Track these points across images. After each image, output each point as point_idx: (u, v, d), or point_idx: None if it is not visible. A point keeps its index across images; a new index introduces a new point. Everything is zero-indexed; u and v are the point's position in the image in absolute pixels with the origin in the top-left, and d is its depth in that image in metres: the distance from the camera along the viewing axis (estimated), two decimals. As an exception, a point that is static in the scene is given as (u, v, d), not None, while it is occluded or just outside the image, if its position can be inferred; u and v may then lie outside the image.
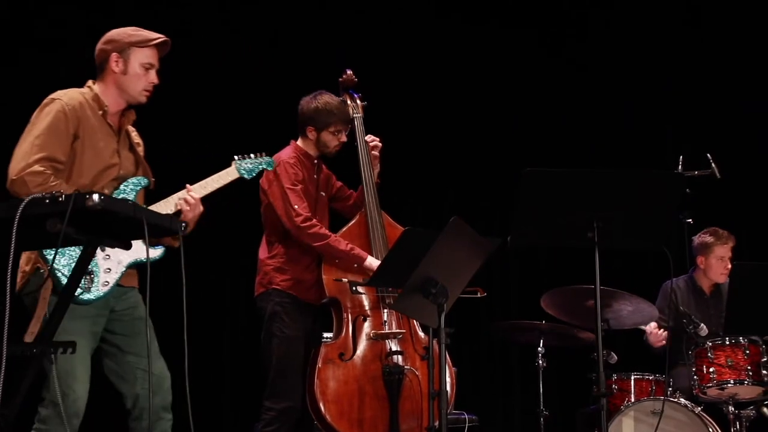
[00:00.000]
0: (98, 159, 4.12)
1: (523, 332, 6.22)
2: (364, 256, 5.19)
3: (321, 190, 5.42)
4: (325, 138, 5.35)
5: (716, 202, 6.85)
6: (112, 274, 4.04)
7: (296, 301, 5.22)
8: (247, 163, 4.52)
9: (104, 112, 4.18)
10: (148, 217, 3.42)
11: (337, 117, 5.33)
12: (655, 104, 8.02)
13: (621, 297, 5.61)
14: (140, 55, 4.23)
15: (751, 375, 5.65)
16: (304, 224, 5.13)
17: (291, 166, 5.24)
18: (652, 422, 5.38)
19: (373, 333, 5.24)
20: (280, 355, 5.16)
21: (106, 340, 4.16)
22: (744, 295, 5.39)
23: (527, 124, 8.09)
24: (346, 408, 5.10)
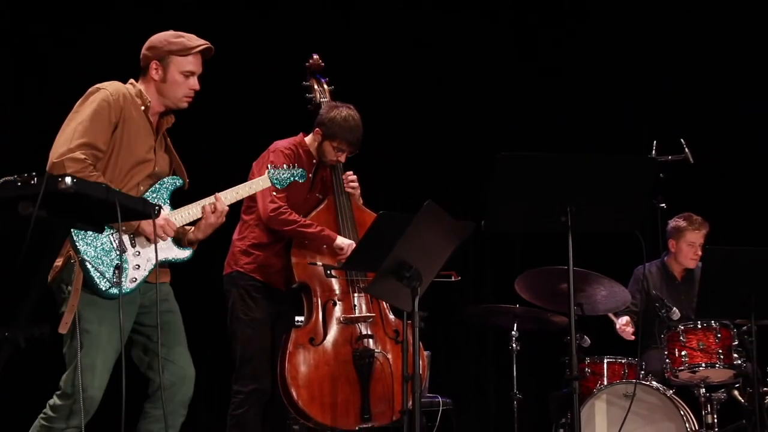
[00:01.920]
0: (135, 152, 4.12)
1: (496, 316, 6.24)
2: (333, 236, 5.20)
3: (316, 191, 5.40)
4: (325, 147, 5.33)
5: (689, 186, 6.88)
6: (141, 271, 4.06)
7: (261, 285, 5.22)
8: (281, 173, 4.53)
9: (146, 107, 4.17)
10: (121, 200, 3.40)
11: (344, 136, 5.29)
12: (629, 89, 8.04)
13: (595, 281, 5.63)
14: (180, 63, 4.22)
15: (722, 358, 5.69)
16: (273, 213, 5.13)
17: (285, 156, 5.22)
18: (624, 405, 5.42)
19: (344, 317, 5.24)
20: (245, 339, 5.16)
21: (138, 331, 4.17)
22: (716, 279, 5.41)
23: (501, 108, 8.09)
24: (317, 392, 5.11)
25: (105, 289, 3.93)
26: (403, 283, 4.33)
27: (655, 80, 8.03)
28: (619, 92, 8.03)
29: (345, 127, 5.28)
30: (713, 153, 7.18)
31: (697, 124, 7.46)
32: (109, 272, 3.94)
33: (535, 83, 8.11)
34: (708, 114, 7.86)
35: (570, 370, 4.47)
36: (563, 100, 8.08)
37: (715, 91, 7.94)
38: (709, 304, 5.49)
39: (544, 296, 5.77)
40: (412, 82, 7.91)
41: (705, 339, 5.73)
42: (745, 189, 7.76)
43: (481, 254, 8.13)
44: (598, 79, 8.09)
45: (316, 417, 5.10)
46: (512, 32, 8.24)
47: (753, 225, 7.46)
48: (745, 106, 7.91)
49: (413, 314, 4.43)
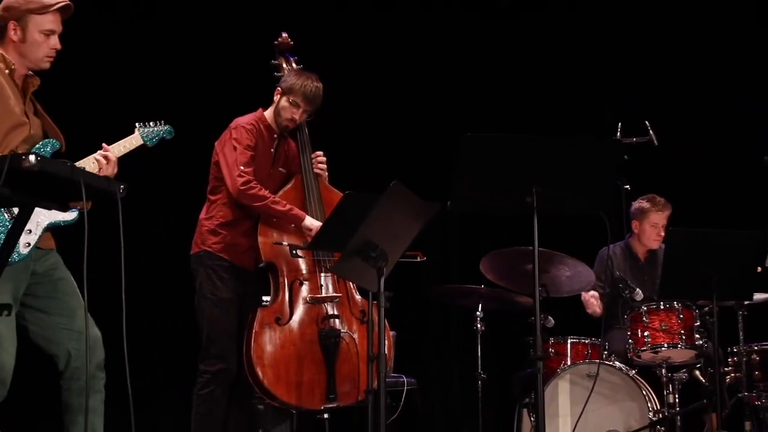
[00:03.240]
0: (9, 115, 4.01)
1: (461, 296, 6.26)
2: (302, 215, 5.20)
3: (279, 166, 5.39)
4: (282, 103, 5.31)
5: (653, 169, 6.92)
6: (32, 235, 3.98)
7: (228, 265, 5.21)
8: (150, 130, 4.49)
9: (11, 70, 4.08)
10: (86, 179, 3.37)
11: (303, 91, 5.28)
12: (595, 71, 8.07)
13: (559, 261, 5.66)
14: (39, 22, 4.10)
15: (684, 339, 5.75)
16: (243, 186, 5.11)
17: (247, 131, 5.22)
18: (588, 385, 5.46)
19: (310, 297, 5.24)
20: (212, 318, 5.16)
21: (28, 305, 4.10)
22: (679, 261, 5.47)
23: (468, 88, 8.10)
24: (283, 372, 5.11)
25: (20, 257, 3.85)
26: (368, 263, 4.34)
27: (619, 62, 8.06)
28: (585, 74, 8.06)
29: (304, 82, 5.28)
30: (677, 135, 7.22)
31: (662, 107, 7.50)
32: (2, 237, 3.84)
33: (502, 64, 8.12)
34: (672, 97, 7.91)
35: (534, 350, 4.49)
36: (530, 81, 8.10)
37: (678, 73, 7.99)
38: (671, 285, 5.54)
39: (509, 277, 5.79)
40: (380, 63, 7.89)
41: (667, 320, 5.79)
42: (708, 171, 7.83)
43: (447, 235, 8.15)
44: (563, 61, 8.12)
45: (281, 396, 5.11)
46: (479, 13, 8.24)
47: (715, 207, 7.53)
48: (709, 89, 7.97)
49: (379, 294, 4.44)
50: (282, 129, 5.37)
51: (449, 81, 8.10)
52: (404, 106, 7.99)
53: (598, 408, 5.54)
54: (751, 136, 7.83)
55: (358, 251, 4.31)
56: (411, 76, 8.01)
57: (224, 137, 5.27)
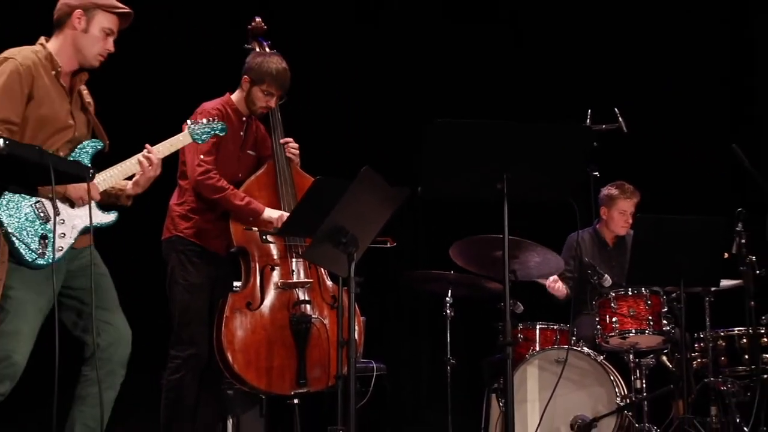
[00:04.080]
0: (53, 120, 4.07)
1: (431, 282, 6.28)
2: (260, 209, 5.16)
3: (248, 149, 5.37)
4: (255, 94, 5.29)
5: (623, 155, 6.96)
6: (67, 239, 4.05)
7: (200, 250, 5.20)
8: (200, 127, 4.53)
9: (57, 72, 4.11)
10: (55, 163, 3.37)
11: (274, 79, 5.27)
12: (565, 58, 8.10)
13: (528, 248, 5.68)
14: (104, 19, 4.19)
15: (652, 325, 5.79)
16: (201, 176, 5.09)
17: (213, 116, 5.18)
18: (556, 370, 5.50)
19: (281, 282, 5.24)
20: (183, 303, 5.14)
21: (68, 295, 4.15)
22: (647, 247, 5.51)
23: (439, 74, 8.10)
24: (253, 357, 5.11)
25: (31, 260, 3.89)
26: (339, 248, 4.35)
27: (590, 49, 8.09)
28: (555, 60, 8.08)
29: (273, 69, 5.26)
30: (646, 122, 7.26)
31: (631, 94, 7.53)
32: (35, 243, 3.90)
33: (472, 50, 8.13)
34: (641, 84, 7.95)
35: (503, 335, 4.51)
36: (500, 68, 8.11)
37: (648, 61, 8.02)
38: (639, 272, 5.58)
39: (479, 263, 5.81)
40: (351, 48, 7.88)
41: (635, 305, 5.82)
42: (676, 158, 7.87)
43: (417, 220, 8.17)
44: (534, 46, 8.14)
45: (251, 381, 5.11)
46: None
47: (683, 194, 7.58)
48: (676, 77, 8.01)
49: (349, 280, 4.45)
50: (255, 115, 5.35)
51: (420, 66, 8.09)
52: (375, 91, 7.98)
53: (566, 393, 5.57)
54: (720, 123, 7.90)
55: (329, 237, 4.32)
56: (382, 61, 8.00)
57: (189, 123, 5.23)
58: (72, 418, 4.19)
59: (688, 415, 5.46)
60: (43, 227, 3.93)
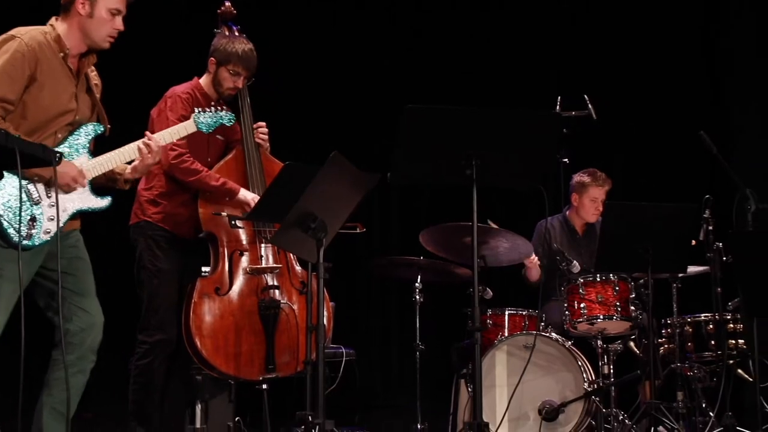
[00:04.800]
0: (55, 102, 4.05)
1: (401, 268, 6.28)
2: (236, 189, 5.16)
3: (216, 134, 5.34)
4: (221, 75, 5.27)
5: (592, 142, 6.98)
6: (54, 223, 4.01)
7: (169, 235, 5.18)
8: (207, 117, 4.52)
9: (65, 54, 4.08)
10: (20, 146, 3.35)
11: (240, 58, 5.24)
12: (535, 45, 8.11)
13: (498, 234, 5.70)
14: (109, 0, 4.15)
15: (619, 311, 5.82)
16: (175, 160, 5.07)
17: (182, 100, 5.16)
18: (524, 356, 5.51)
19: (250, 267, 5.23)
20: (152, 289, 5.12)
21: (46, 276, 4.13)
22: (615, 234, 5.53)
23: (410, 59, 8.10)
24: (221, 342, 5.10)
25: (18, 241, 3.86)
26: (308, 234, 4.34)
27: (560, 36, 8.11)
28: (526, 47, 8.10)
29: (239, 49, 5.23)
30: (615, 109, 7.30)
31: (600, 81, 7.56)
32: (23, 224, 3.88)
33: (444, 36, 8.13)
34: (611, 71, 7.97)
35: (472, 321, 4.53)
36: (471, 55, 8.12)
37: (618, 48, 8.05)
38: (607, 258, 5.61)
39: (448, 248, 5.82)
40: (321, 33, 7.86)
41: (603, 292, 5.85)
42: (645, 145, 7.91)
43: (387, 206, 8.17)
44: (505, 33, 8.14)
45: (219, 367, 5.10)
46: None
47: (651, 181, 7.62)
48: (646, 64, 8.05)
49: (318, 265, 4.45)
50: (223, 98, 5.33)
51: (390, 52, 8.09)
52: (345, 77, 7.97)
53: (534, 378, 5.59)
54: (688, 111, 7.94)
55: (298, 222, 4.32)
56: (352, 47, 7.99)
57: (159, 106, 5.21)
58: (41, 402, 4.17)
59: (655, 400, 5.49)
60: (32, 209, 3.90)
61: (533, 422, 5.58)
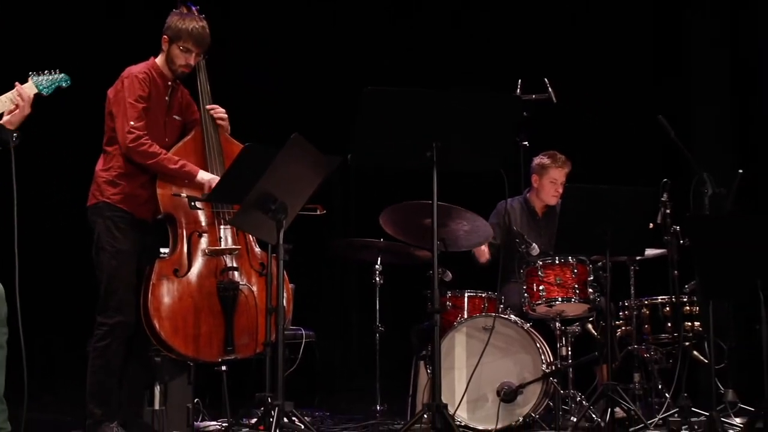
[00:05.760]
0: None
1: (361, 250, 6.29)
2: (195, 171, 5.13)
3: (174, 114, 5.30)
4: (173, 52, 5.21)
5: (552, 125, 7.01)
6: None
7: (127, 216, 5.14)
8: (43, 79, 4.47)
9: None
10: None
11: (191, 35, 5.19)
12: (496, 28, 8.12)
13: (458, 216, 5.71)
14: None
15: (578, 293, 5.85)
16: (133, 143, 5.03)
17: (139, 81, 5.11)
18: (483, 338, 5.55)
19: (209, 249, 5.21)
20: (110, 270, 5.08)
21: None
22: (574, 217, 5.56)
23: (371, 42, 8.08)
24: (180, 324, 5.08)
25: None
26: (268, 215, 4.34)
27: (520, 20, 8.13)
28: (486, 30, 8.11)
29: (189, 25, 5.18)
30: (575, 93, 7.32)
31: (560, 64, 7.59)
32: None
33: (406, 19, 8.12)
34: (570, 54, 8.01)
35: (432, 303, 4.54)
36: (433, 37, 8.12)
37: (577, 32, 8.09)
38: (566, 241, 5.64)
39: (408, 231, 5.83)
40: (282, 15, 7.83)
41: (562, 274, 5.89)
42: (605, 129, 7.96)
43: (347, 188, 8.17)
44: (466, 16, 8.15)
45: (178, 348, 5.08)
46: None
47: (610, 164, 7.67)
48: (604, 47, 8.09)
49: (278, 247, 4.45)
50: (177, 76, 5.29)
51: (351, 34, 8.07)
52: (305, 59, 7.94)
53: (493, 360, 5.62)
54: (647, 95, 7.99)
55: (258, 204, 4.31)
56: (312, 28, 7.97)
57: (116, 87, 5.16)
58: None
59: (612, 381, 5.53)
60: None
61: (492, 403, 5.62)
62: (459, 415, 5.54)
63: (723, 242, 4.54)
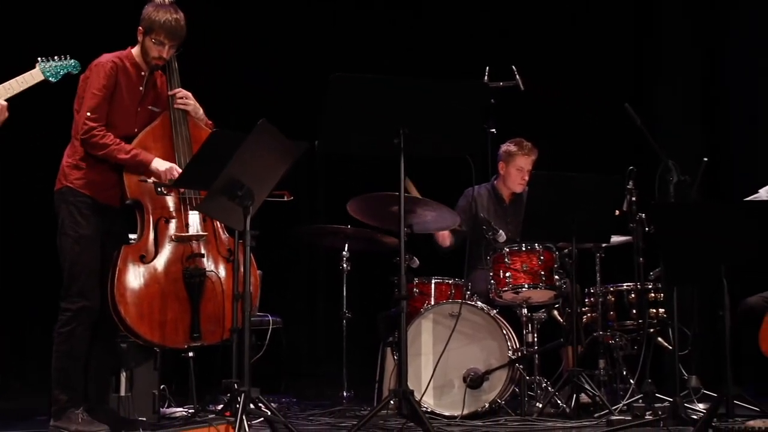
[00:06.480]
0: None
1: (328, 236, 6.30)
2: (148, 160, 5.05)
3: (148, 104, 5.24)
4: (147, 44, 5.17)
5: (519, 113, 7.03)
6: None
7: (91, 201, 5.10)
8: (52, 65, 4.41)
9: None
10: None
11: (163, 27, 5.13)
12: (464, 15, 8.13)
13: (424, 203, 5.72)
14: None
15: (544, 280, 5.89)
16: (84, 135, 4.97)
17: (105, 71, 5.04)
18: (450, 324, 5.57)
19: (176, 235, 5.19)
20: (73, 256, 5.05)
21: None
22: (541, 204, 5.59)
23: (338, 28, 8.07)
24: (146, 310, 5.06)
25: None
26: (235, 201, 4.33)
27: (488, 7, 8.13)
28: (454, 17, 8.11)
29: (162, 18, 5.12)
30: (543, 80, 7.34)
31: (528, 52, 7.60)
32: None
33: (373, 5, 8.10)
34: (538, 42, 8.03)
35: (399, 290, 4.55)
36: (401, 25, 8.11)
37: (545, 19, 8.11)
38: (533, 228, 5.67)
39: (376, 217, 5.84)
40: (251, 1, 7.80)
41: (528, 261, 5.92)
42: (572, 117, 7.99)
43: (315, 174, 8.16)
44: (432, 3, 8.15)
45: (144, 334, 5.06)
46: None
47: (577, 152, 7.70)
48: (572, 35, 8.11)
49: (245, 233, 4.44)
50: (152, 67, 5.25)
51: (318, 20, 8.05)
52: (273, 44, 7.92)
53: (459, 347, 5.65)
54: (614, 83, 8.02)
55: (225, 190, 4.30)
56: (280, 15, 7.94)
57: (85, 74, 5.11)
58: None
59: (577, 367, 5.58)
60: None
61: (458, 390, 5.65)
62: (425, 401, 5.56)
63: (687, 229, 4.57)
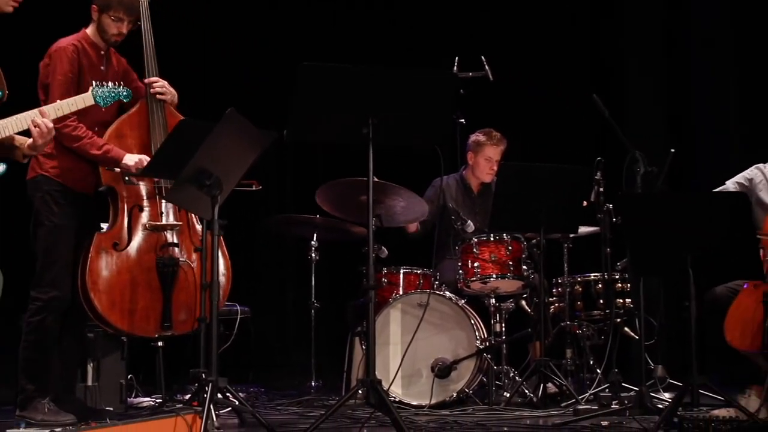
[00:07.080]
0: None
1: (297, 226, 6.30)
2: (119, 156, 5.01)
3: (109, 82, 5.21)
4: (104, 21, 5.12)
5: (488, 103, 7.05)
6: None
7: (66, 190, 5.06)
8: (104, 90, 4.44)
9: None
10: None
11: (122, 4, 5.08)
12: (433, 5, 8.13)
13: (393, 192, 5.72)
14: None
15: (512, 270, 5.92)
16: (58, 125, 4.93)
17: (67, 56, 4.99)
18: (418, 314, 5.58)
19: (149, 224, 5.17)
20: (47, 245, 5.01)
21: None
22: (509, 194, 5.62)
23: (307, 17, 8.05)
24: (117, 298, 5.04)
25: None
26: (203, 191, 4.32)
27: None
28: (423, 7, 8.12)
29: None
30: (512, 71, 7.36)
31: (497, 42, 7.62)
32: None
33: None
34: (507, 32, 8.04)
35: (367, 279, 4.56)
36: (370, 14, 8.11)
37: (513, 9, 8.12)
38: (501, 218, 5.70)
39: (344, 207, 5.84)
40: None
41: (497, 251, 5.94)
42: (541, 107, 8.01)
43: (283, 164, 8.15)
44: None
45: (115, 323, 5.04)
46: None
47: (545, 142, 7.73)
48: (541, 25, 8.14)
49: (213, 222, 4.43)
50: (110, 44, 5.20)
51: (287, 9, 8.03)
52: (241, 33, 7.89)
53: (427, 336, 5.67)
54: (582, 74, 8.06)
55: (193, 179, 4.29)
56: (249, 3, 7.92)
57: (45, 60, 5.06)
58: None
59: (545, 357, 5.61)
60: None
61: (426, 379, 5.67)
62: (393, 390, 5.58)
63: (654, 220, 4.60)
